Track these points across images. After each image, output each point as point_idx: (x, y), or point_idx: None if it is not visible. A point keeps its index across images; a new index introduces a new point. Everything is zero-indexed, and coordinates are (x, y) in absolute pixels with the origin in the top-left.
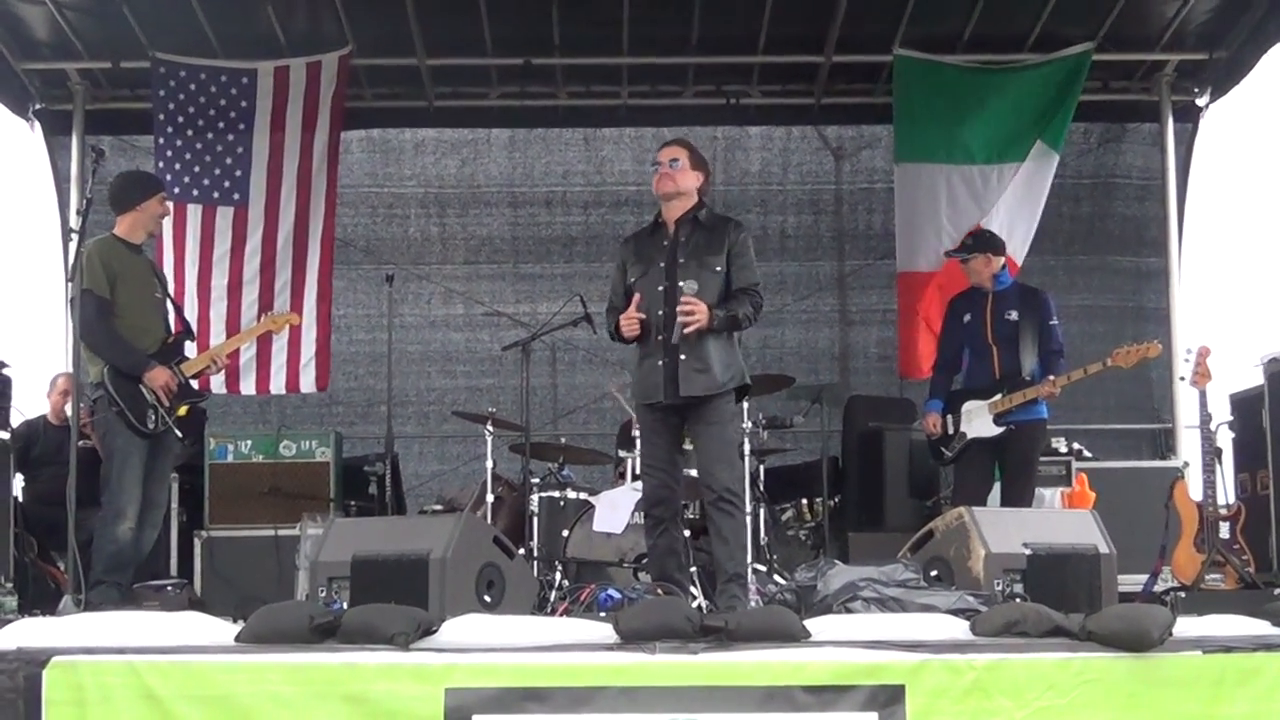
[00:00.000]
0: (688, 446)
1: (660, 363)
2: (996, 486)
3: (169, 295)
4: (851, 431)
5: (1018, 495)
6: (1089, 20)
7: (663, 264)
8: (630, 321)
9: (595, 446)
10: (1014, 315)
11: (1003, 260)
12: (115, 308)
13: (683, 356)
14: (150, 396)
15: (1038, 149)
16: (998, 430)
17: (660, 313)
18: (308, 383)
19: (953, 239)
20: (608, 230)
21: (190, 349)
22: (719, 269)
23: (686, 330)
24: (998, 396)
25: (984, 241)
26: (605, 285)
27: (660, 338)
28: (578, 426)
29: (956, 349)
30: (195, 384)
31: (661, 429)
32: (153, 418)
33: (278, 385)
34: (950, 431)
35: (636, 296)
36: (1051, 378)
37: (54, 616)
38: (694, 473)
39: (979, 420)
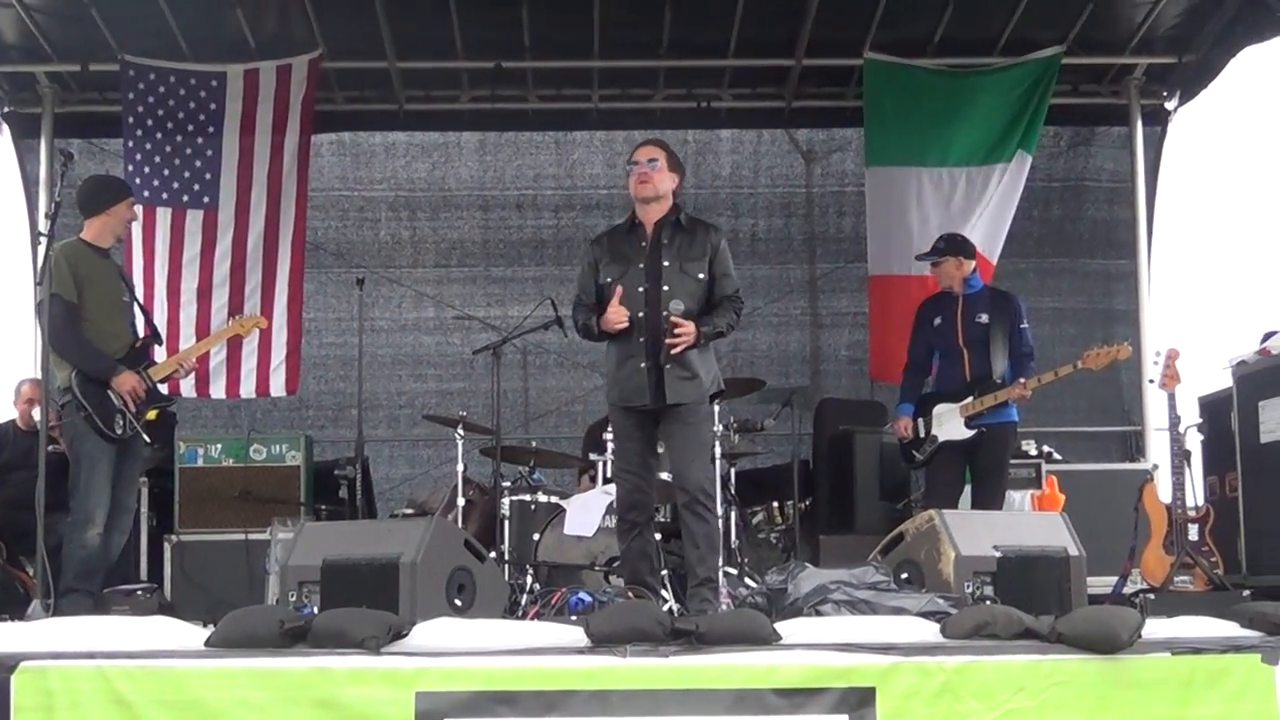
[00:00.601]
0: (659, 450)
1: (643, 365)
2: (967, 489)
3: (136, 299)
4: (822, 434)
5: (989, 498)
6: (1058, 24)
7: (643, 265)
8: (619, 316)
9: (566, 450)
10: (984, 318)
11: (974, 264)
12: (83, 312)
13: (667, 366)
14: (118, 401)
15: (1017, 154)
16: (969, 433)
17: (641, 314)
18: (277, 386)
19: (925, 241)
20: (579, 234)
21: (159, 353)
22: (701, 276)
23: (674, 352)
24: (969, 399)
25: (955, 244)
26: (577, 288)
27: (642, 340)
28: (549, 430)
29: (926, 352)
30: (164, 388)
31: (636, 433)
32: (120, 423)
33: (248, 389)
34: (921, 435)
35: (619, 290)
36: (1023, 380)
37: (23, 621)
38: (666, 476)
39: (950, 423)
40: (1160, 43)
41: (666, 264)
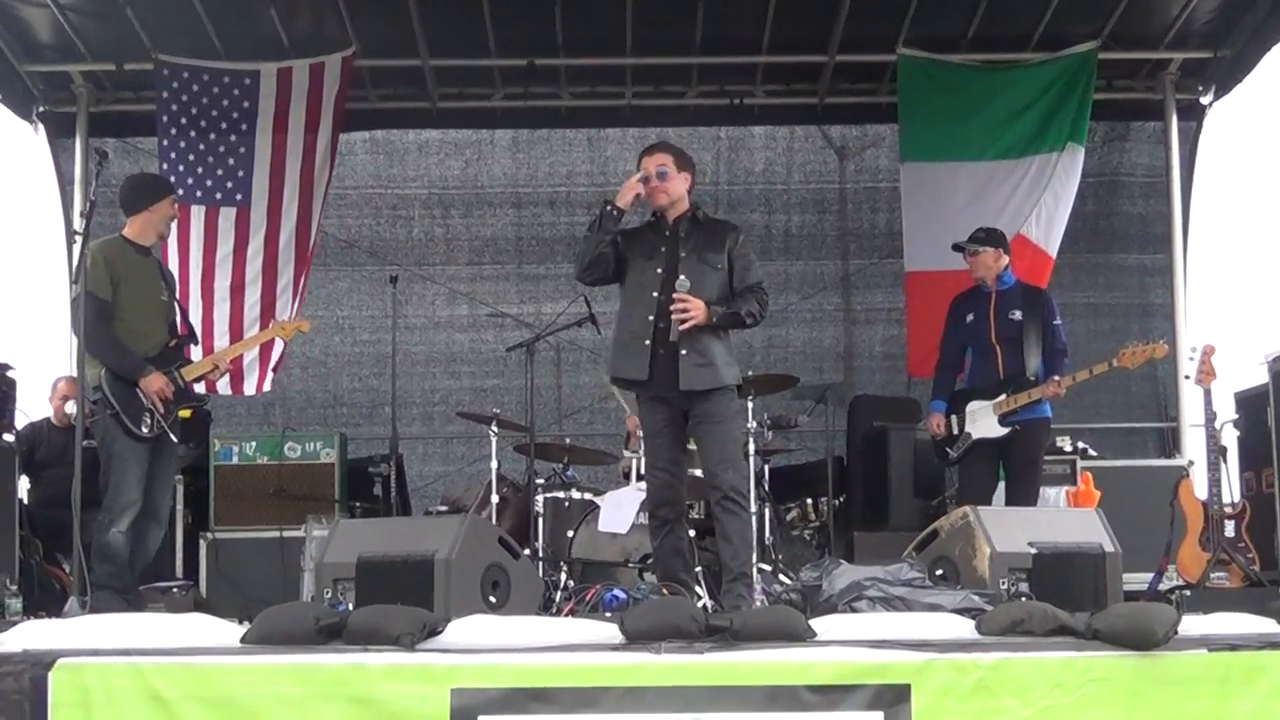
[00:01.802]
0: (691, 446)
1: (646, 343)
2: (1001, 486)
3: (176, 298)
4: (856, 431)
5: (1022, 495)
6: (1093, 19)
7: (664, 249)
8: (632, 183)
9: (600, 447)
10: (1018, 315)
11: (1008, 259)
12: (116, 310)
13: (683, 352)
14: (146, 401)
15: (1068, 146)
16: (1003, 430)
17: (655, 294)
18: (268, 381)
19: (963, 236)
20: None
21: (196, 353)
22: (720, 267)
23: (682, 327)
24: (1002, 397)
25: (994, 237)
26: (609, 285)
27: (651, 318)
28: (582, 427)
29: (959, 349)
30: (201, 387)
31: (665, 429)
32: (148, 422)
33: (266, 383)
34: (955, 432)
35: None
36: (1057, 378)
37: (60, 618)
38: (698, 472)
39: (984, 421)
40: (1195, 37)
41: (684, 254)
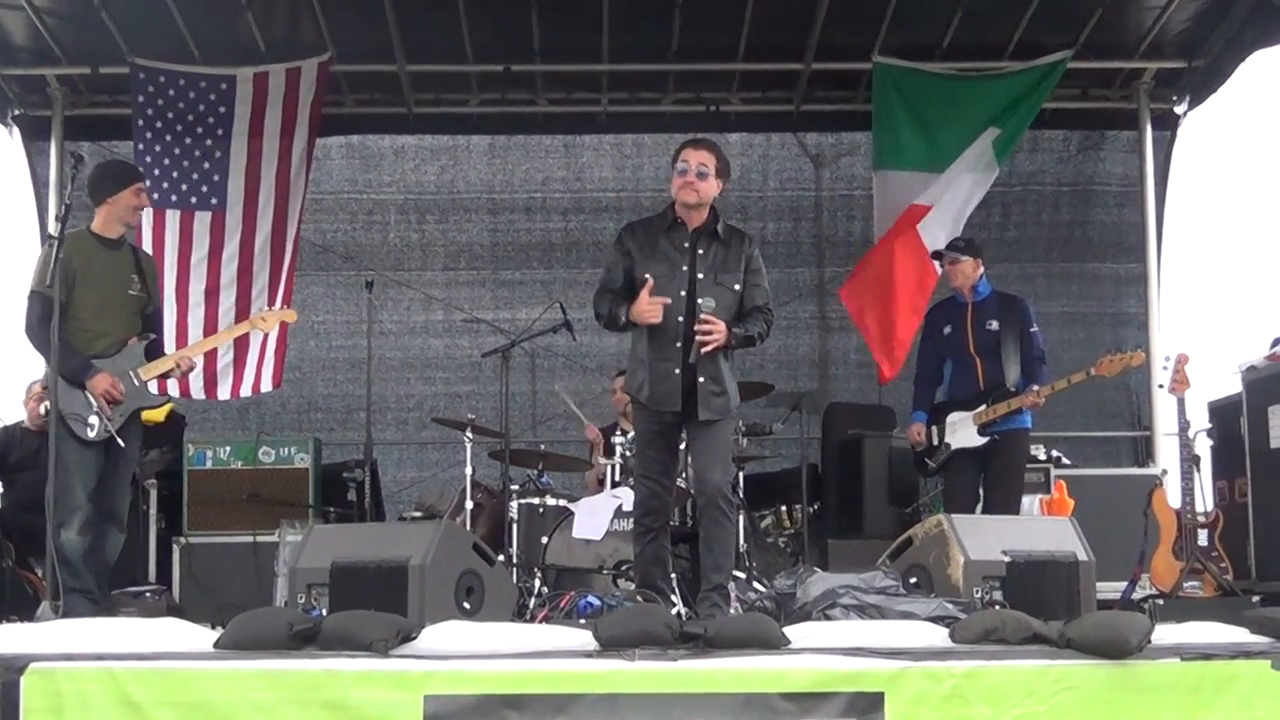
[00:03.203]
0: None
1: (676, 371)
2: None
3: (151, 289)
4: (831, 438)
5: (1000, 504)
6: (1068, 28)
7: (685, 267)
8: (652, 309)
9: (574, 453)
10: (994, 325)
11: (983, 269)
12: (70, 309)
13: (700, 379)
14: (95, 404)
15: (983, 152)
16: (982, 440)
17: (680, 319)
18: (266, 382)
19: (932, 247)
20: (587, 237)
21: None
22: (736, 287)
23: (705, 350)
24: (982, 407)
25: (974, 246)
26: (585, 292)
27: (679, 345)
28: (557, 433)
29: (937, 361)
30: (174, 387)
31: (660, 440)
32: (94, 424)
33: (246, 389)
34: (935, 443)
35: (650, 281)
36: (1035, 387)
37: (32, 623)
38: (679, 483)
39: (963, 431)
40: (1169, 47)
41: (701, 276)
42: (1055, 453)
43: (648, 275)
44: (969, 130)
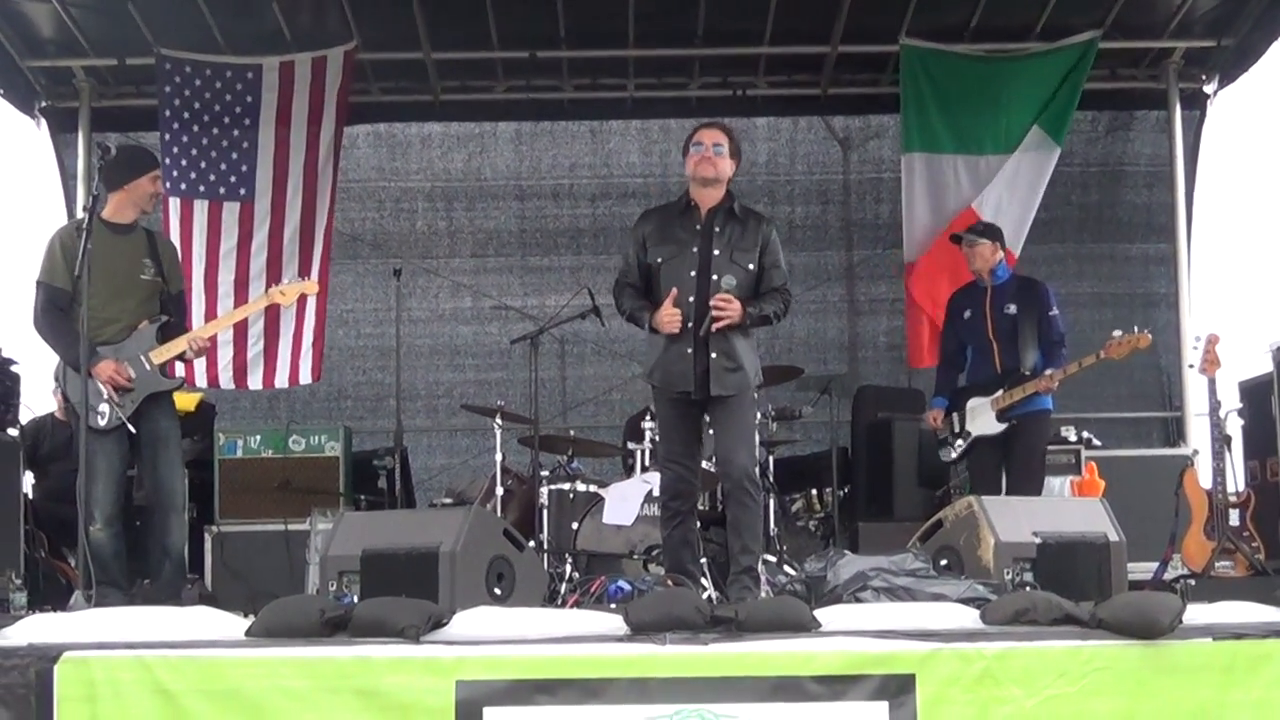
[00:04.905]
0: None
1: (689, 350)
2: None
3: (166, 276)
4: (860, 421)
5: (1023, 487)
6: (1095, 8)
7: (695, 249)
8: (673, 318)
9: (604, 439)
10: (1012, 309)
11: (1003, 254)
12: (78, 296)
13: (714, 355)
14: (105, 391)
15: (1036, 139)
16: (1001, 426)
17: (690, 299)
18: (305, 374)
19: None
20: (615, 222)
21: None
22: (752, 266)
23: (716, 326)
24: (999, 393)
25: (993, 230)
26: (613, 277)
27: (690, 324)
28: (586, 419)
29: (958, 346)
30: (203, 379)
31: (682, 422)
32: (105, 412)
33: (281, 379)
34: (956, 429)
35: (674, 291)
36: (1049, 372)
37: (65, 612)
38: (707, 465)
39: (982, 418)
40: (1199, 26)
41: (717, 253)
42: (1086, 434)
43: (662, 261)
44: (997, 112)
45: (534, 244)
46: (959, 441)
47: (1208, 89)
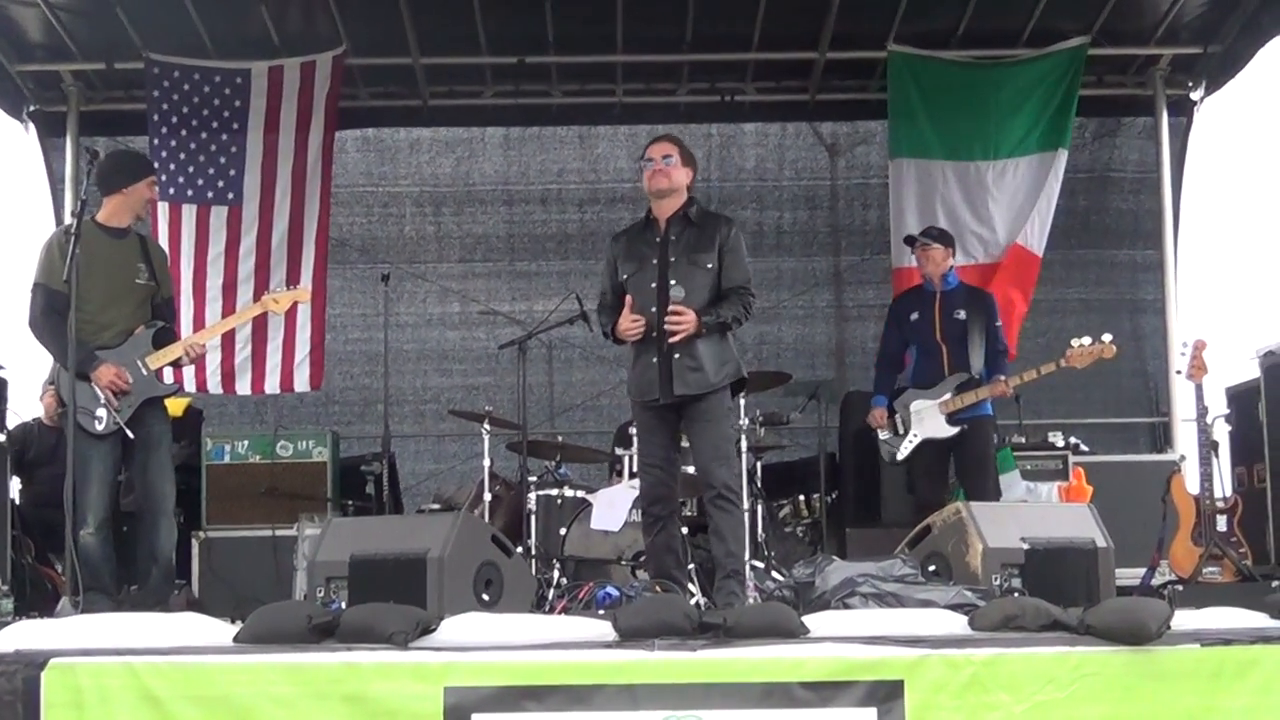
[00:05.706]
0: (684, 444)
1: (654, 359)
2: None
3: (159, 279)
4: (848, 427)
5: (982, 491)
6: (1083, 15)
7: (655, 261)
8: (633, 327)
9: (592, 444)
10: (962, 314)
11: (953, 260)
12: (75, 300)
13: (676, 356)
14: (103, 396)
15: (1038, 147)
16: (951, 430)
17: (654, 309)
18: (301, 381)
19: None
20: (603, 227)
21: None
22: (710, 266)
23: (673, 340)
24: (948, 396)
25: (947, 237)
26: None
27: (655, 334)
28: (574, 424)
29: (901, 347)
30: (172, 376)
31: (658, 427)
32: (102, 416)
33: (272, 385)
34: (900, 430)
35: (629, 299)
36: (1003, 378)
37: (52, 618)
38: (691, 470)
39: (931, 421)
40: (1186, 33)
41: (673, 259)
42: (1073, 439)
43: (629, 278)
44: (985, 118)
45: (522, 249)
46: (905, 443)
47: (1194, 95)
